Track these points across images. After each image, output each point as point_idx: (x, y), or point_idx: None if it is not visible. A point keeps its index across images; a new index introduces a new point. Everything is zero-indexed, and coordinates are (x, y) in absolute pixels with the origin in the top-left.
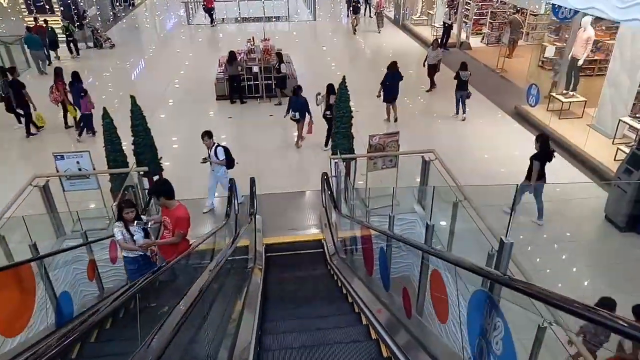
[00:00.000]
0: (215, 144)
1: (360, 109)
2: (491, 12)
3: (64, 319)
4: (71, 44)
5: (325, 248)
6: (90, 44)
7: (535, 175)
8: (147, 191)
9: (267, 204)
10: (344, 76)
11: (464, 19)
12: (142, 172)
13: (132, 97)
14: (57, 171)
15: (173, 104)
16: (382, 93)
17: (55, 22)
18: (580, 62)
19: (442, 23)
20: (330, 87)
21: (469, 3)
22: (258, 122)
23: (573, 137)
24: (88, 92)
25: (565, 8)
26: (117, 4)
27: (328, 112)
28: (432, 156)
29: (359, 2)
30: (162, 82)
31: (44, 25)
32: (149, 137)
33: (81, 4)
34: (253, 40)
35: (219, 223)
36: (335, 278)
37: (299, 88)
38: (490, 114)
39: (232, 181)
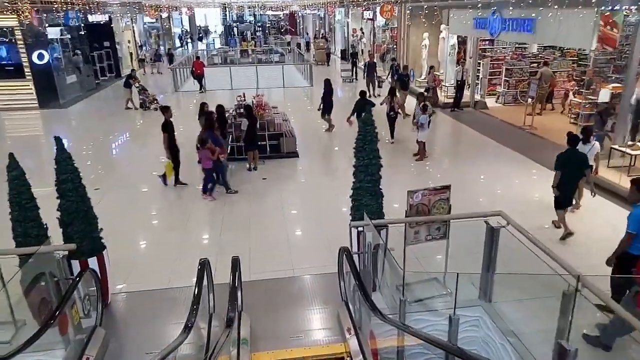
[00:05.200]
0: None
1: None
2: (506, 69)
3: None
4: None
5: None
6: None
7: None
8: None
9: (258, 296)
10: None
11: (476, 80)
12: (64, 253)
13: (57, 139)
14: None
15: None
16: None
17: (25, 87)
18: None
19: (455, 81)
20: (392, 90)
21: (480, 62)
22: (247, 187)
23: None
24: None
25: None
26: (101, 74)
27: (392, 113)
28: (501, 220)
29: (408, 77)
30: (147, 150)
31: None
32: (84, 200)
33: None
34: (244, 97)
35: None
36: None
37: (365, 92)
38: (539, 174)
39: (203, 263)
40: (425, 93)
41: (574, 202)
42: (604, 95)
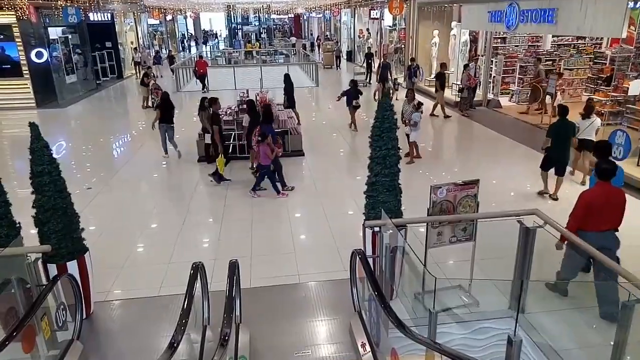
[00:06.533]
0: None
1: None
2: (520, 66)
3: None
4: None
5: None
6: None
7: None
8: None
9: (259, 305)
10: (386, 92)
11: (489, 79)
12: (40, 256)
13: (32, 126)
14: None
15: (157, 175)
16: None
17: (23, 85)
18: None
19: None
20: (383, 79)
21: (492, 60)
22: (249, 187)
23: None
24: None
25: None
26: (103, 75)
27: None
28: (537, 220)
29: (444, 75)
30: (146, 151)
31: None
32: (63, 196)
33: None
34: (247, 93)
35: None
36: None
37: (357, 82)
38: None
39: (196, 267)
40: (459, 93)
41: (568, 171)
42: (634, 88)
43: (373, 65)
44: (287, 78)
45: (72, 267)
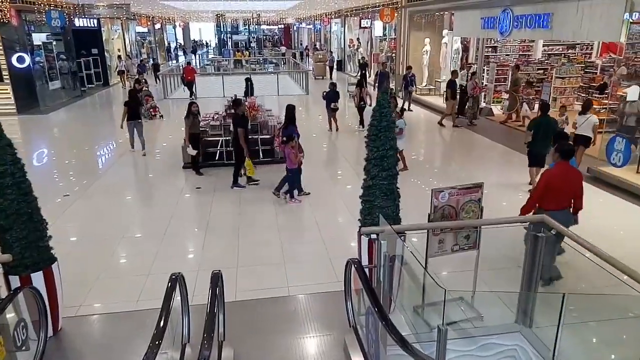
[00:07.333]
0: None
1: None
2: (512, 74)
3: None
4: None
5: None
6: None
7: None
8: (5, 301)
9: (245, 320)
10: (388, 91)
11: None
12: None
13: None
14: None
15: (140, 182)
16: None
17: (3, 91)
18: None
19: (459, 86)
20: (359, 82)
21: (484, 69)
22: (237, 194)
23: None
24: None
25: None
26: (88, 82)
27: (362, 103)
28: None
29: (456, 84)
30: (128, 159)
31: None
32: (27, 200)
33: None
34: (235, 98)
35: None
36: None
37: (335, 84)
38: None
39: (174, 279)
40: (467, 103)
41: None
42: (632, 93)
43: (368, 75)
44: (248, 81)
45: (38, 278)
